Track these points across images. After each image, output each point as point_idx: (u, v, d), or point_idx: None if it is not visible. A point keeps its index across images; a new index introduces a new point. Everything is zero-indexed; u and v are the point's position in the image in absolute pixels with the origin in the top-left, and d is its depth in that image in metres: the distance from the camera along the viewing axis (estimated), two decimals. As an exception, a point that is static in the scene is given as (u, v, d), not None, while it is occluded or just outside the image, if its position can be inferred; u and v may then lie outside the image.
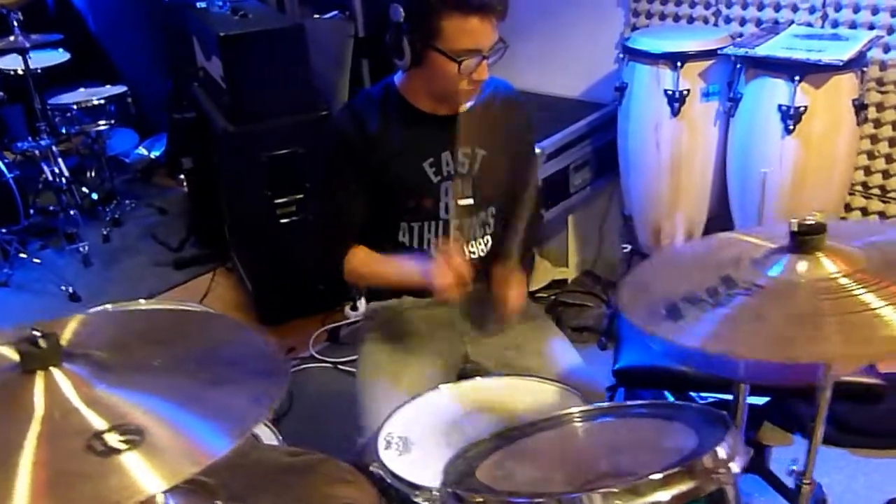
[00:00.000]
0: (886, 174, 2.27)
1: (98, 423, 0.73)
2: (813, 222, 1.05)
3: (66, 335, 0.86)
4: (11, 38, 3.27)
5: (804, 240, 1.05)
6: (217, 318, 1.01)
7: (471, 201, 1.54)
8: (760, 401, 2.02)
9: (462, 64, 1.38)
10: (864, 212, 2.33)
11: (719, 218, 2.41)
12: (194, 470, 0.70)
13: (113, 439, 0.71)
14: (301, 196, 2.67)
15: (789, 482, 1.72)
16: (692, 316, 1.00)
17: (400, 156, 1.51)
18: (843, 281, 0.99)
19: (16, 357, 0.78)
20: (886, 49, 2.16)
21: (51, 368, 0.77)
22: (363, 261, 1.56)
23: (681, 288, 1.08)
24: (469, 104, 1.51)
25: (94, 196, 3.75)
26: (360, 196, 1.53)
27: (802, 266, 1.03)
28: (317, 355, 2.68)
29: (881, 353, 0.92)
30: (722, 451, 0.95)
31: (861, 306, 0.95)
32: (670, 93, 2.23)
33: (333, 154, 1.56)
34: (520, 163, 1.63)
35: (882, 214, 2.30)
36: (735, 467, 0.95)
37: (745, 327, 0.97)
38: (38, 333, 0.77)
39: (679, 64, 2.20)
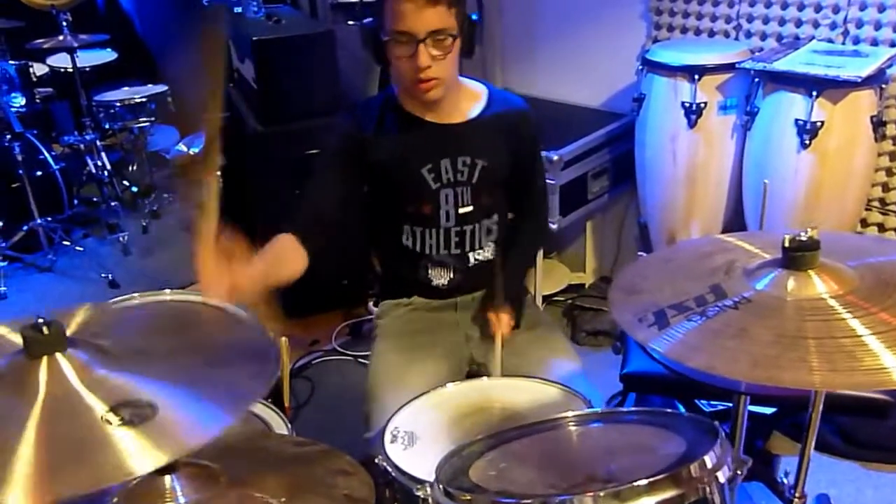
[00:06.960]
0: (904, 191, 2.26)
1: (100, 404, 0.79)
2: (805, 239, 1.01)
3: (72, 326, 0.93)
4: (60, 37, 3.44)
5: (795, 256, 1.01)
6: (215, 309, 1.09)
7: (470, 209, 1.58)
8: (768, 410, 2.04)
9: (396, 47, 1.40)
10: (881, 228, 2.31)
11: (735, 228, 2.42)
12: (205, 441, 0.78)
13: (126, 413, 0.78)
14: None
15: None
16: (677, 325, 0.98)
17: (397, 160, 1.54)
18: (832, 302, 0.96)
19: (20, 343, 0.85)
20: (907, 66, 2.16)
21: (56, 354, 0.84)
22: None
23: (670, 293, 1.05)
24: (436, 96, 1.48)
25: (135, 189, 3.90)
26: (329, 186, 1.53)
27: (792, 283, 1.00)
28: (338, 348, 2.78)
29: (863, 384, 0.87)
30: (709, 461, 0.93)
31: (846, 332, 0.91)
32: (687, 105, 2.25)
33: (327, 144, 1.59)
34: (522, 173, 1.63)
35: (898, 231, 2.30)
36: (721, 477, 0.94)
37: (728, 343, 0.93)
38: (41, 321, 0.84)
39: (696, 76, 2.22)
